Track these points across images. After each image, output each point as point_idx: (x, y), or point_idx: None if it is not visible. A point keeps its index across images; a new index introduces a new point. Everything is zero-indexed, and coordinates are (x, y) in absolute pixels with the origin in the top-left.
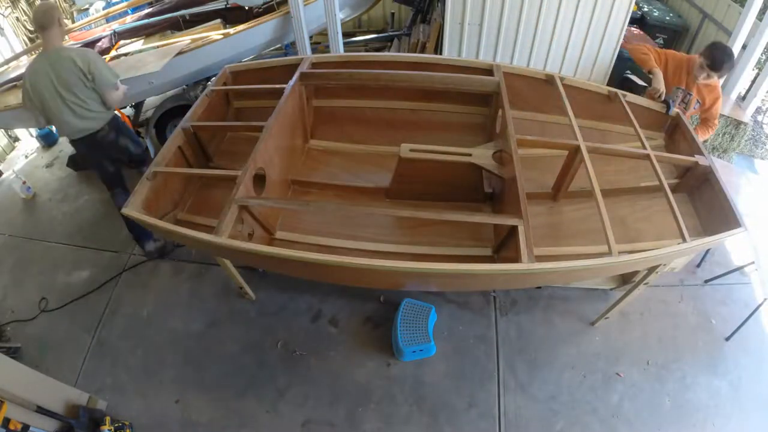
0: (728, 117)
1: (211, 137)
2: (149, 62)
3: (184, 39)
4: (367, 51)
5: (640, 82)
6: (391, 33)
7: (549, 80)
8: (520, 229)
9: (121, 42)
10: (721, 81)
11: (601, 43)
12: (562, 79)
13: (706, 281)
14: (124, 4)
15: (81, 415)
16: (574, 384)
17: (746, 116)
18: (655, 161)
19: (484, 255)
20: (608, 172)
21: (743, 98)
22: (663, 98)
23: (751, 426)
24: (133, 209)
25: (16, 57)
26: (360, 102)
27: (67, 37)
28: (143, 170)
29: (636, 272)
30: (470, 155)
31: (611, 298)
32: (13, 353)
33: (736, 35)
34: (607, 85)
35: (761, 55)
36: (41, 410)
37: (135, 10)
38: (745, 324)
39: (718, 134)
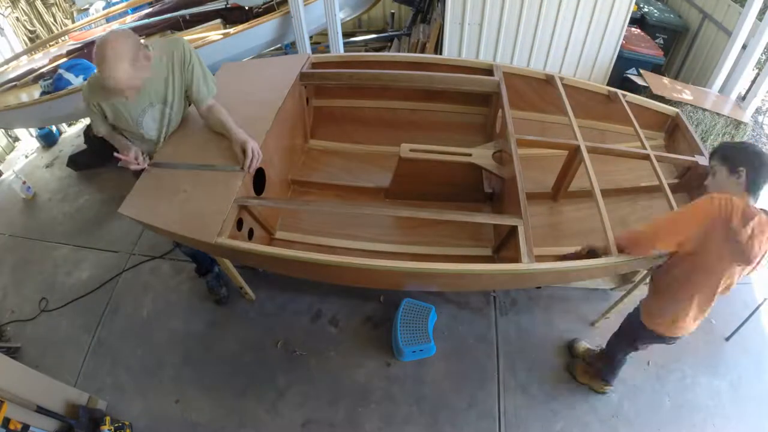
0: (728, 117)
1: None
2: None
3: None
4: (367, 51)
5: (641, 82)
6: (391, 33)
7: (549, 80)
8: (520, 229)
9: None
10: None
11: (601, 43)
12: (562, 79)
13: None
14: (124, 4)
15: (81, 415)
16: (574, 384)
17: (746, 116)
18: (655, 161)
19: (484, 255)
20: (608, 172)
21: (743, 98)
22: None
23: (752, 426)
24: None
25: (16, 57)
26: (360, 102)
27: (66, 37)
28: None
29: (636, 272)
30: (470, 155)
31: (611, 298)
32: (13, 353)
33: (736, 35)
34: (607, 85)
35: (761, 55)
36: (41, 410)
37: (135, 10)
38: (745, 324)
39: (719, 134)
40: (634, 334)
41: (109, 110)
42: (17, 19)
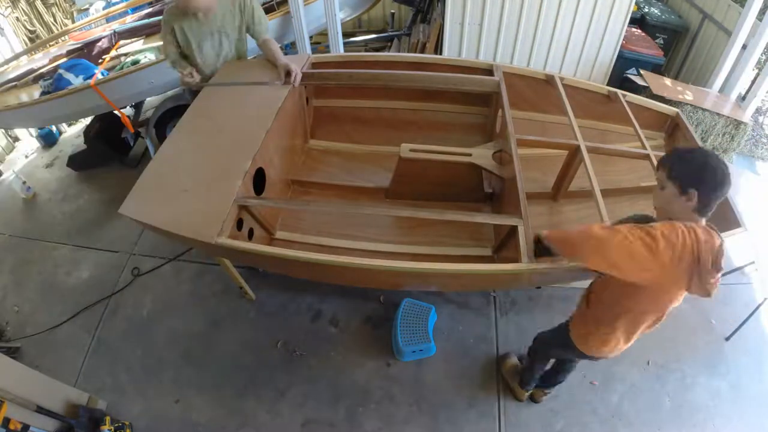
0: (728, 117)
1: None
2: None
3: None
4: (367, 51)
5: (641, 82)
6: (391, 33)
7: (549, 80)
8: (520, 229)
9: (121, 42)
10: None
11: (601, 43)
12: (562, 79)
13: None
14: (124, 4)
15: (81, 415)
16: (574, 384)
17: (746, 116)
18: (655, 161)
19: (484, 255)
20: (608, 172)
21: (743, 98)
22: None
23: (752, 426)
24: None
25: (16, 57)
26: (360, 102)
27: (66, 37)
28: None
29: None
30: (470, 155)
31: None
32: (13, 353)
33: (736, 35)
34: (607, 85)
35: (761, 55)
36: (41, 410)
37: (135, 10)
38: (745, 324)
39: (719, 134)
40: (563, 343)
41: (180, 35)
42: (17, 19)
